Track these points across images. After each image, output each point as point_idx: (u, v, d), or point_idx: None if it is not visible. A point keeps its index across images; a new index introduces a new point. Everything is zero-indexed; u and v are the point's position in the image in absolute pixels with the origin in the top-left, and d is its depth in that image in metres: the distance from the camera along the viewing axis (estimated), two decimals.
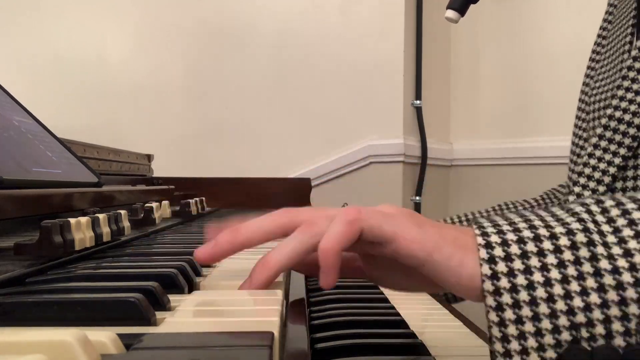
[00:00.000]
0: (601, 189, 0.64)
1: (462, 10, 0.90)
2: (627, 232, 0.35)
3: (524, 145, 2.01)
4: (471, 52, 2.14)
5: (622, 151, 0.63)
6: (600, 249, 0.35)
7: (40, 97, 1.91)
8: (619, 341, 0.34)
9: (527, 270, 0.35)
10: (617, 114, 0.63)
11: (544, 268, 0.35)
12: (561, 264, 0.35)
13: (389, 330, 0.46)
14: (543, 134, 1.98)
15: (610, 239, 0.35)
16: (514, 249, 0.36)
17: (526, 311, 0.34)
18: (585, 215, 0.37)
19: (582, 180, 0.65)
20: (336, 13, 1.96)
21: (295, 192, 1.33)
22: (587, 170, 0.65)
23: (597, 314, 0.34)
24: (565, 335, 0.34)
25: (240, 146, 2.01)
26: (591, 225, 0.36)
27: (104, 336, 0.26)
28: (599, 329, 0.34)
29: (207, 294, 0.43)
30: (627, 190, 0.64)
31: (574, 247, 0.35)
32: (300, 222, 0.42)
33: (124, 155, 1.22)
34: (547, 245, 0.36)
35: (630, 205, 0.37)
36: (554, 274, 0.35)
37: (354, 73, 1.94)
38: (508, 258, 0.36)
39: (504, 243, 0.36)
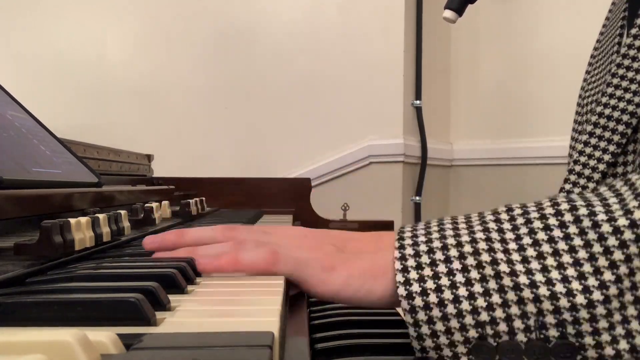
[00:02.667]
0: (591, 185, 0.64)
1: (459, 11, 0.90)
2: (526, 240, 0.39)
3: (524, 146, 2.01)
4: (471, 52, 2.14)
5: (612, 148, 0.63)
6: (499, 255, 0.39)
7: (40, 97, 1.91)
8: (520, 337, 0.37)
9: (435, 277, 0.39)
10: (606, 111, 0.63)
11: (450, 273, 0.39)
12: (464, 269, 0.39)
13: (389, 330, 0.46)
14: (543, 134, 1.98)
15: (511, 246, 0.40)
16: (424, 259, 0.40)
17: (436, 312, 0.38)
18: (492, 225, 0.41)
19: (573, 178, 0.66)
20: (336, 13, 1.96)
21: (295, 192, 1.33)
22: (578, 168, 0.65)
23: (499, 313, 0.38)
24: (472, 333, 0.38)
25: (240, 146, 2.01)
26: (494, 235, 0.40)
27: (104, 336, 0.26)
28: (502, 327, 0.37)
29: (207, 293, 0.43)
30: None
31: (476, 253, 0.40)
32: (232, 239, 0.50)
33: (124, 155, 1.22)
34: (453, 252, 0.40)
35: (533, 215, 0.41)
36: (459, 277, 0.39)
37: (354, 73, 1.94)
38: (419, 267, 0.40)
39: (417, 254, 0.41)
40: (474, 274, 0.39)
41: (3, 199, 0.54)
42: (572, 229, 0.39)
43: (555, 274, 0.38)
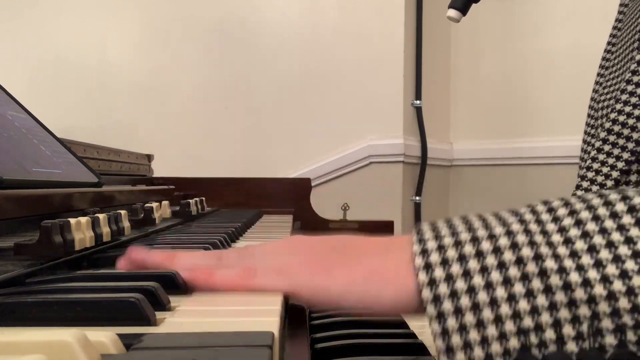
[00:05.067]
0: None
1: (464, 10, 0.90)
2: (574, 232, 0.34)
3: (524, 146, 2.01)
4: (471, 52, 2.14)
5: (626, 155, 0.62)
6: (543, 249, 0.33)
7: (40, 97, 1.91)
8: (571, 347, 0.32)
9: (467, 274, 0.33)
10: (621, 117, 0.63)
11: (484, 270, 0.33)
12: (502, 266, 0.33)
13: (389, 330, 0.46)
14: (543, 134, 1.98)
15: (556, 238, 0.33)
16: (451, 253, 0.34)
17: (469, 317, 0.32)
18: (528, 217, 0.35)
19: (585, 184, 0.65)
20: (336, 13, 1.96)
21: (295, 192, 1.33)
22: (590, 174, 0.65)
23: (545, 317, 0.32)
24: (514, 342, 0.32)
25: (241, 146, 2.01)
26: (533, 227, 0.34)
27: (104, 336, 0.26)
28: (549, 334, 0.32)
29: (207, 294, 0.43)
30: None
31: (514, 247, 0.34)
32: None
33: (124, 155, 1.22)
34: (486, 246, 0.34)
35: (578, 206, 0.35)
36: (495, 276, 0.33)
37: (354, 73, 1.94)
38: (445, 263, 0.34)
39: (441, 248, 0.35)
40: (513, 272, 0.33)
41: (3, 199, 0.54)
42: (627, 219, 0.33)
43: (612, 269, 0.32)
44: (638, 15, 0.71)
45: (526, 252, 0.33)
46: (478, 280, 0.33)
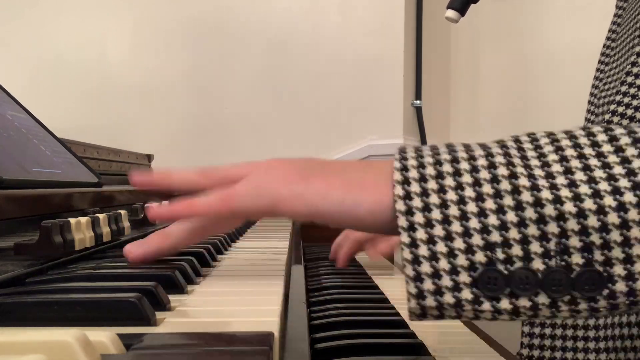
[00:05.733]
0: None
1: (462, 10, 0.90)
2: (552, 157, 0.34)
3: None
4: (471, 52, 2.14)
5: None
6: (519, 169, 0.33)
7: (40, 97, 1.90)
8: (537, 264, 0.31)
9: (441, 190, 0.33)
10: (620, 109, 0.63)
11: (459, 187, 0.33)
12: (477, 183, 0.33)
13: (389, 330, 0.46)
14: None
15: (534, 162, 0.34)
16: (430, 170, 0.34)
17: (438, 230, 0.32)
18: (510, 143, 0.36)
19: None
20: (335, 12, 1.96)
21: None
22: None
23: (513, 233, 0.31)
24: (480, 257, 0.32)
25: (241, 146, 2.01)
26: (513, 151, 0.35)
27: (104, 336, 0.26)
28: (516, 250, 0.31)
29: (207, 293, 0.43)
30: None
31: (491, 166, 0.34)
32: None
33: (124, 155, 1.22)
34: (464, 165, 0.34)
35: (560, 135, 0.35)
36: (469, 192, 0.33)
37: (354, 73, 1.94)
38: (422, 179, 0.34)
39: (420, 165, 0.35)
40: (486, 189, 0.33)
41: (3, 199, 0.54)
42: (607, 147, 0.33)
43: (584, 189, 0.32)
44: (638, 12, 0.72)
45: (502, 171, 0.33)
46: (451, 196, 0.33)
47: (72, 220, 0.51)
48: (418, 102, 1.99)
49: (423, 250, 0.32)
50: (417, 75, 1.99)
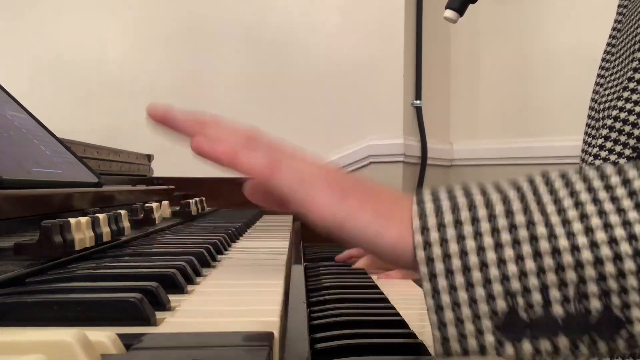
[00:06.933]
0: None
1: (460, 10, 0.90)
2: (567, 202, 0.35)
3: (524, 146, 2.01)
4: (471, 52, 2.14)
5: (627, 152, 0.63)
6: (536, 216, 0.34)
7: (40, 98, 1.90)
8: (557, 310, 0.33)
9: (460, 238, 0.34)
10: (622, 115, 0.63)
11: (478, 234, 0.34)
12: (495, 231, 0.34)
13: (389, 330, 0.46)
14: (543, 134, 1.98)
15: (550, 208, 0.35)
16: (448, 217, 0.35)
17: (459, 278, 0.34)
18: (525, 185, 0.37)
19: None
20: (336, 13, 1.96)
21: None
22: None
23: (533, 281, 0.33)
24: (501, 304, 0.33)
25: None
26: (530, 195, 0.36)
27: (104, 336, 0.26)
28: (536, 297, 0.33)
29: (207, 293, 0.43)
30: None
31: (509, 213, 0.35)
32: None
33: (124, 155, 1.22)
34: (481, 212, 0.35)
35: (574, 177, 0.36)
36: (487, 240, 0.34)
37: (354, 73, 1.94)
38: (441, 226, 0.35)
39: (439, 211, 0.36)
40: (505, 237, 0.34)
41: (3, 199, 0.54)
42: (620, 191, 0.34)
43: (600, 236, 0.33)
44: (638, 17, 0.71)
45: (519, 218, 0.34)
46: (470, 243, 0.34)
47: (72, 220, 0.51)
48: (418, 102, 1.99)
49: (445, 298, 0.34)
50: (417, 75, 1.99)
